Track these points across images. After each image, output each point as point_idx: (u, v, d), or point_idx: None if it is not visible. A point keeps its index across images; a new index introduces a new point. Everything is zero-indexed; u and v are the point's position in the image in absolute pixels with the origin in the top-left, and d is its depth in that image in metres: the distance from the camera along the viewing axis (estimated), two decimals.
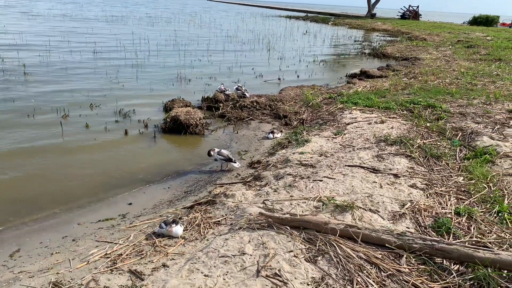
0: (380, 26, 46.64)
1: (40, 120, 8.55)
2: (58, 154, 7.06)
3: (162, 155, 7.47)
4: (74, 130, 8.18)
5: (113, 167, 6.79)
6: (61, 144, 7.54)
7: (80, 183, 6.15)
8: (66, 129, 8.13)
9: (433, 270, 3.57)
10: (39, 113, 8.89)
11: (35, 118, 8.63)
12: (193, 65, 15.97)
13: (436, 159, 6.26)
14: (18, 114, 8.74)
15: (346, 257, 3.67)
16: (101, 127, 8.40)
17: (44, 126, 8.23)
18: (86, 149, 7.37)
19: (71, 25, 26.26)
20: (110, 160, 7.04)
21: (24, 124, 8.26)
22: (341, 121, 8.58)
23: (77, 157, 7.00)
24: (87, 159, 6.98)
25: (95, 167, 6.71)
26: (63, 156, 7.00)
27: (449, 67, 16.21)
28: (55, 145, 7.43)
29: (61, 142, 7.61)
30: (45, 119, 8.59)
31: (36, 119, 8.58)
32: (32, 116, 8.70)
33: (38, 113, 8.86)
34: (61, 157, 6.97)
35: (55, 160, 6.84)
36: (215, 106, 10.21)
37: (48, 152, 7.09)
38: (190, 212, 5.00)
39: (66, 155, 7.05)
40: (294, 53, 21.88)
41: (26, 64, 13.17)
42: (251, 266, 3.55)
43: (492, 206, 4.73)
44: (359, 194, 5.02)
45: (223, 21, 43.86)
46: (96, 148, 7.43)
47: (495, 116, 8.45)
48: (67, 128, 8.20)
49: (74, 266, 3.87)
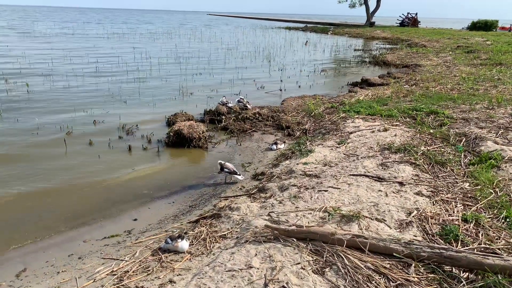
0: (380, 34, 46.90)
1: (44, 137, 8.60)
2: (62, 171, 7.07)
3: (166, 170, 7.47)
4: (78, 147, 8.22)
5: (118, 182, 6.80)
6: (65, 161, 7.57)
7: (84, 200, 6.16)
8: (70, 146, 8.17)
9: (443, 279, 3.52)
10: (42, 131, 8.95)
11: (39, 135, 8.68)
12: (194, 79, 16.07)
13: (441, 165, 6.23)
14: (22, 132, 8.81)
15: (354, 268, 3.63)
16: (104, 143, 8.43)
17: (48, 143, 8.28)
18: (90, 166, 7.39)
19: (72, 44, 26.56)
20: (114, 176, 7.05)
21: (28, 142, 8.31)
22: (344, 130, 8.58)
23: (81, 174, 7.02)
24: (91, 175, 6.99)
25: (99, 184, 6.71)
26: (67, 173, 7.01)
27: (450, 73, 16.22)
28: (59, 162, 7.46)
29: (65, 159, 7.64)
30: (48, 137, 8.64)
31: (39, 137, 8.63)
32: (36, 133, 8.76)
33: (42, 131, 8.92)
34: (65, 174, 6.99)
35: (59, 177, 6.85)
36: (218, 118, 10.25)
37: (52, 170, 7.12)
38: (195, 226, 4.99)
39: (70, 172, 7.06)
40: (295, 63, 22.01)
41: (29, 83, 13.29)
42: (258, 279, 3.52)
43: (499, 211, 4.69)
44: (365, 203, 4.99)
45: (224, 34, 44.23)
46: (100, 165, 7.45)
47: (498, 121, 8.42)
48: (70, 145, 8.24)
49: (81, 284, 3.86)
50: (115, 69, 17.35)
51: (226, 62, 21.57)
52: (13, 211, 5.71)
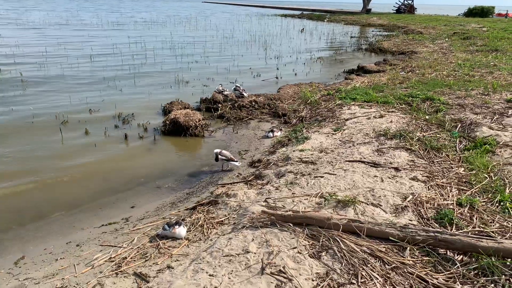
0: (376, 21, 46.67)
1: (40, 127, 8.56)
2: (58, 160, 7.06)
3: (163, 158, 7.48)
4: (74, 136, 8.19)
5: (115, 171, 6.80)
6: (61, 149, 7.55)
7: (82, 188, 6.17)
8: (66, 135, 8.14)
9: (437, 261, 3.58)
10: (38, 120, 8.90)
11: (34, 125, 8.64)
12: (190, 67, 15.98)
13: (436, 151, 6.27)
14: (17, 122, 8.76)
15: (350, 252, 3.68)
16: (100, 132, 8.41)
17: (44, 132, 8.25)
18: (86, 154, 7.38)
19: (67, 33, 26.27)
20: (111, 165, 7.05)
21: (24, 131, 8.27)
22: (340, 117, 8.59)
23: (78, 163, 7.01)
24: (88, 164, 6.99)
25: (96, 172, 6.72)
26: (64, 162, 7.00)
27: (446, 60, 16.22)
28: (55, 151, 7.45)
29: (61, 148, 7.62)
30: (44, 126, 8.60)
31: (35, 126, 8.59)
32: (31, 123, 8.72)
33: (37, 120, 8.88)
34: (62, 163, 6.98)
35: (56, 166, 6.84)
36: (214, 107, 10.23)
37: (48, 159, 7.10)
38: (193, 213, 5.02)
39: (67, 161, 7.05)
40: (291, 51, 21.90)
41: (23, 73, 13.18)
42: (255, 264, 3.56)
43: (493, 195, 4.74)
44: (361, 188, 5.03)
45: (219, 22, 43.87)
46: (96, 153, 7.44)
47: (493, 106, 8.46)
48: (67, 134, 8.21)
49: (79, 271, 3.89)
50: (110, 58, 17.20)
51: (221, 50, 21.44)
52: (9, 200, 5.71)
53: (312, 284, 3.31)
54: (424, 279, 3.35)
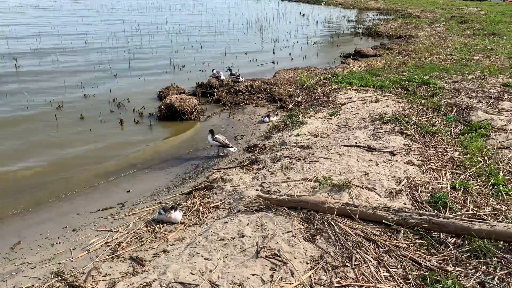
0: (373, 4, 46.18)
1: (34, 112, 8.50)
2: (54, 146, 7.04)
3: (159, 143, 7.46)
4: (69, 121, 8.15)
5: (110, 156, 6.79)
6: (56, 135, 7.52)
7: (77, 173, 6.16)
8: (61, 121, 8.09)
9: (430, 244, 3.62)
10: (32, 105, 8.84)
11: (29, 110, 8.58)
12: (186, 52, 15.83)
13: (432, 135, 6.28)
14: (11, 107, 8.69)
15: (344, 235, 3.71)
16: (96, 117, 8.36)
17: (39, 118, 8.19)
18: (81, 139, 7.35)
19: (61, 17, 25.89)
20: (106, 150, 7.03)
21: (18, 117, 8.22)
22: (336, 102, 8.57)
23: (73, 148, 6.99)
24: (83, 149, 6.97)
25: (92, 158, 6.70)
26: (59, 148, 6.98)
27: (443, 44, 16.13)
28: (51, 137, 7.41)
29: (56, 134, 7.59)
30: (39, 111, 8.54)
31: (30, 111, 8.53)
32: (26, 108, 8.65)
33: (32, 106, 8.81)
34: (57, 148, 6.96)
35: (51, 151, 6.82)
36: (210, 92, 10.17)
37: (43, 144, 7.08)
38: (188, 197, 5.03)
39: (62, 146, 7.03)
40: (288, 35, 21.69)
41: (17, 58, 13.01)
42: (250, 247, 3.59)
43: (487, 179, 4.77)
44: (356, 173, 5.04)
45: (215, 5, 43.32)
46: (92, 138, 7.42)
47: (489, 90, 8.45)
48: (61, 119, 8.16)
49: (75, 255, 3.90)
50: (104, 43, 16.98)
51: (217, 34, 21.21)
52: (5, 186, 5.71)
53: (307, 267, 3.34)
54: (417, 262, 3.39)
